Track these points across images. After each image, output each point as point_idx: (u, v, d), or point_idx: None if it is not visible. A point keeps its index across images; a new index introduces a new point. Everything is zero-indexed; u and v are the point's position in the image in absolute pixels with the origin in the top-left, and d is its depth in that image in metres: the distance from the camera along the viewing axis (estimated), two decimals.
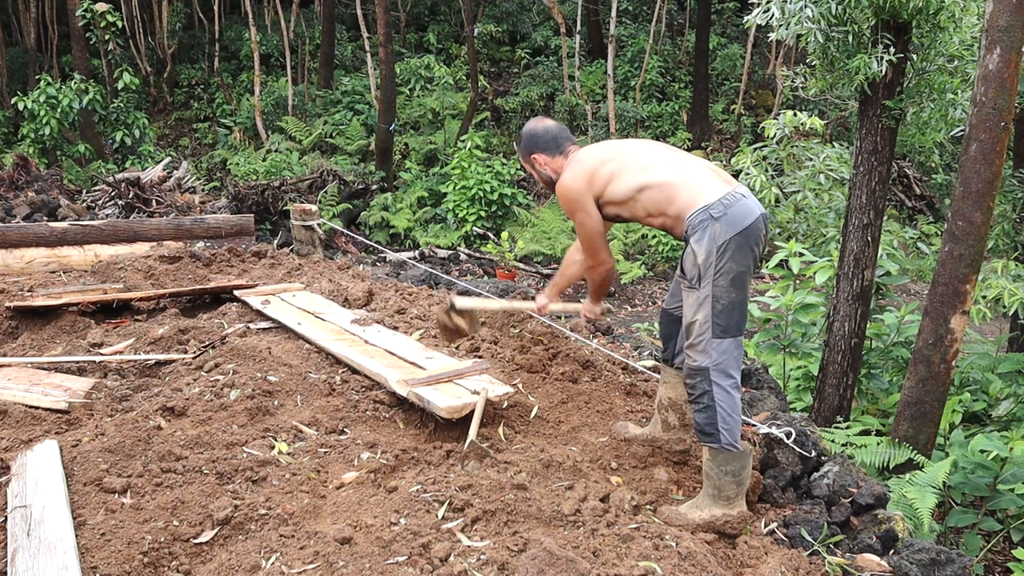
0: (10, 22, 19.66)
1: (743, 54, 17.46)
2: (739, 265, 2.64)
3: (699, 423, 2.69)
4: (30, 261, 5.73)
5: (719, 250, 2.62)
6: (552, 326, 4.13)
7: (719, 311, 2.64)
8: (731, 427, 2.65)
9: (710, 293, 2.64)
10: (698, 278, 2.65)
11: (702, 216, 2.65)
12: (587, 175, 2.90)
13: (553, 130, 3.10)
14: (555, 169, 3.07)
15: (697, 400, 2.69)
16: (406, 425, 3.31)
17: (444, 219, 13.38)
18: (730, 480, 2.68)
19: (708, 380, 2.64)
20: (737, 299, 2.66)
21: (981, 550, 4.52)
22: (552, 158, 3.08)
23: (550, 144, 3.08)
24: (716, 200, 2.66)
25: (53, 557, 2.28)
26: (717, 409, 2.64)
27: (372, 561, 2.29)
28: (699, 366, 2.66)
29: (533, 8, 19.97)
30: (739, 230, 2.63)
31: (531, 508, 2.55)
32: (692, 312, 2.70)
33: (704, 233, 2.64)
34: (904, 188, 14.42)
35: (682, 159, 2.86)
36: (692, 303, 2.70)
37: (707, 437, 2.67)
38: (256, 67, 16.30)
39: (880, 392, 6.33)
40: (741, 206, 2.66)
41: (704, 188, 2.71)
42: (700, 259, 2.64)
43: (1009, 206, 6.65)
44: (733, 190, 2.71)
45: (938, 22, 5.25)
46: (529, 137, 3.12)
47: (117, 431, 3.09)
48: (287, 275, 5.51)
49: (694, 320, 2.68)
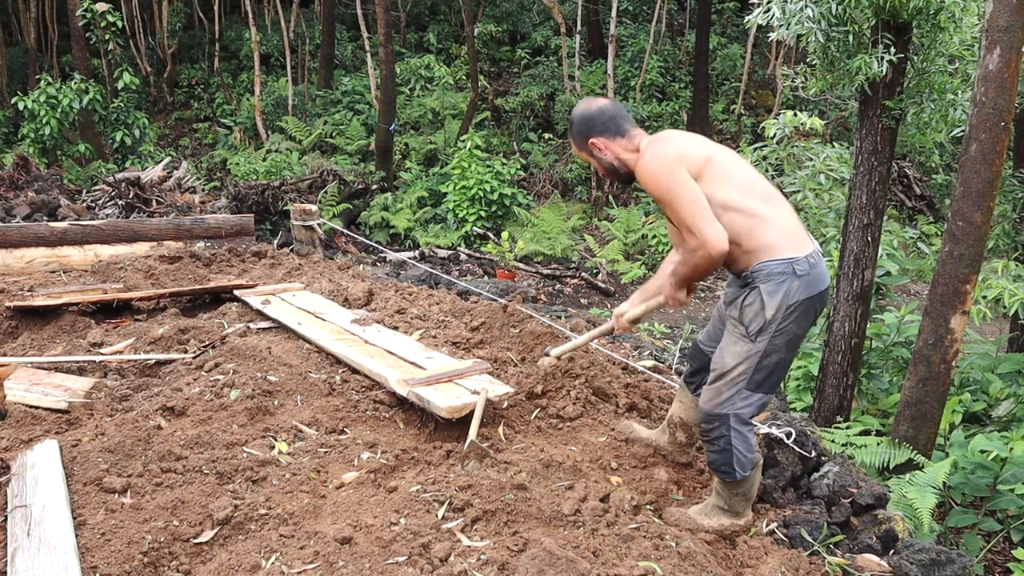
0: (10, 22, 19.65)
1: (743, 54, 17.46)
2: (800, 328, 2.53)
3: (714, 461, 2.64)
4: (30, 261, 5.73)
5: (788, 309, 2.48)
6: (552, 326, 4.13)
7: (763, 367, 2.53)
8: (745, 463, 2.62)
9: (763, 349, 2.51)
10: (759, 331, 2.50)
11: (783, 268, 2.48)
12: (679, 152, 2.54)
13: (610, 110, 2.70)
14: (617, 154, 2.69)
15: (713, 442, 2.62)
16: (406, 425, 3.31)
17: (444, 219, 13.38)
18: (740, 499, 2.69)
19: (727, 427, 2.57)
20: (785, 360, 2.56)
21: (981, 550, 4.52)
22: (613, 141, 2.68)
23: (609, 126, 2.67)
24: (803, 256, 2.50)
25: (53, 557, 2.28)
26: (734, 453, 2.59)
27: (372, 561, 2.29)
28: (720, 413, 2.57)
29: (533, 8, 19.97)
30: (813, 294, 2.50)
31: (531, 508, 2.55)
32: (734, 359, 2.56)
33: (780, 287, 2.47)
34: (904, 188, 14.42)
35: (775, 194, 2.62)
36: (738, 352, 2.55)
37: (722, 473, 2.64)
38: (256, 67, 16.29)
39: (880, 392, 6.33)
40: (820, 269, 2.53)
41: (793, 238, 2.52)
42: (768, 313, 2.48)
43: (1009, 206, 6.65)
44: (816, 249, 2.57)
45: (938, 22, 5.25)
46: (583, 120, 2.71)
47: (117, 431, 3.09)
48: (287, 275, 5.51)
49: (734, 367, 2.55)
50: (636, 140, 2.68)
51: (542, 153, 15.96)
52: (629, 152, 2.68)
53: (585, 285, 11.32)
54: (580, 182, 15.27)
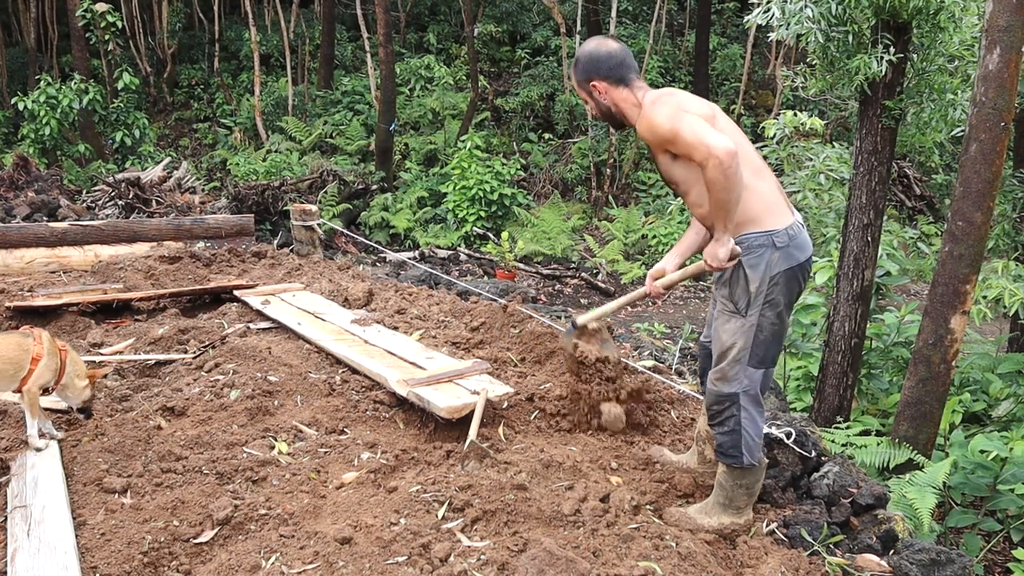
0: (10, 22, 19.65)
1: (743, 54, 17.46)
2: (786, 297, 2.56)
3: (722, 444, 2.64)
4: (30, 261, 5.73)
5: (771, 280, 2.51)
6: (552, 326, 4.13)
7: (760, 341, 2.56)
8: (753, 448, 2.63)
9: (755, 322, 2.54)
10: (747, 305, 2.54)
11: (762, 240, 2.51)
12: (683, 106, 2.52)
13: (618, 55, 2.64)
14: (616, 100, 2.66)
15: (721, 423, 2.62)
16: (406, 425, 3.31)
17: (444, 219, 13.38)
18: (743, 492, 2.68)
19: (737, 406, 2.58)
20: (779, 331, 2.59)
21: (981, 550, 4.52)
22: (615, 87, 2.65)
23: (613, 71, 2.63)
24: (783, 228, 2.52)
25: (53, 557, 2.28)
26: (743, 434, 2.60)
27: (372, 561, 2.29)
28: (729, 392, 2.58)
29: (533, 8, 19.96)
30: (793, 264, 2.53)
31: (531, 508, 2.55)
32: (730, 337, 2.58)
33: (760, 259, 2.51)
34: (904, 188, 14.42)
35: (763, 166, 2.63)
36: (733, 329, 2.58)
37: (729, 458, 2.64)
38: (256, 67, 16.29)
39: (880, 392, 6.32)
40: (802, 240, 2.55)
41: (773, 210, 2.54)
42: (752, 286, 2.52)
43: (1009, 206, 6.65)
44: (796, 219, 2.58)
45: (938, 22, 5.25)
46: (589, 59, 2.66)
47: (117, 431, 3.09)
48: (287, 275, 5.52)
49: (731, 345, 2.58)
50: (638, 93, 2.65)
51: (542, 153, 15.96)
52: (629, 103, 2.65)
53: (585, 285, 11.32)
54: (580, 182, 15.28)
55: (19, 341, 2.90)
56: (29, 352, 2.88)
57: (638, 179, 15.12)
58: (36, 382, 2.90)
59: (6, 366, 2.83)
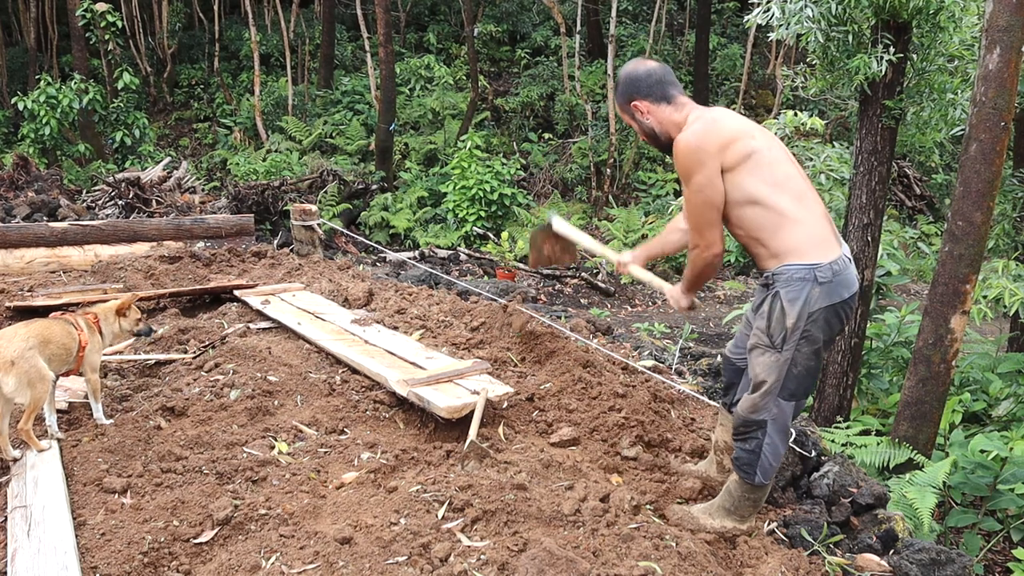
0: (10, 22, 19.66)
1: (743, 54, 17.46)
2: (826, 335, 2.48)
3: (739, 458, 2.63)
4: (30, 261, 5.73)
5: (810, 316, 2.42)
6: (552, 326, 4.13)
7: (793, 376, 2.49)
8: (768, 471, 2.62)
9: (790, 358, 2.46)
10: (782, 341, 2.45)
11: (804, 274, 2.41)
12: (724, 140, 2.46)
13: (657, 73, 2.61)
14: (660, 120, 2.61)
15: (746, 441, 2.60)
16: (406, 425, 3.31)
17: (444, 219, 13.38)
18: (749, 504, 2.68)
19: (764, 432, 2.56)
20: (815, 367, 2.52)
21: (981, 550, 4.52)
22: (656, 106, 2.60)
23: (654, 89, 2.59)
24: (827, 263, 2.42)
25: (53, 557, 2.28)
26: (761, 456, 2.58)
27: (372, 561, 2.29)
28: (758, 419, 2.55)
29: (533, 8, 19.96)
30: (835, 302, 2.43)
31: (531, 508, 2.55)
32: (763, 371, 2.51)
33: (800, 294, 2.41)
34: (904, 188, 14.42)
35: (808, 193, 2.52)
36: (766, 363, 2.50)
37: (742, 472, 2.63)
38: (256, 67, 16.30)
39: (880, 392, 6.32)
40: (846, 276, 2.45)
41: (820, 243, 2.44)
42: (789, 321, 2.42)
43: (1009, 206, 6.65)
44: (843, 253, 2.48)
45: (938, 22, 5.25)
46: (629, 81, 2.63)
47: (117, 431, 3.09)
48: (287, 275, 5.51)
49: (764, 379, 2.51)
50: (684, 110, 2.60)
51: (542, 153, 15.96)
52: (672, 121, 2.60)
53: (585, 285, 11.32)
54: (580, 182, 15.28)
55: (67, 329, 3.08)
56: (76, 339, 3.08)
57: (638, 179, 15.12)
58: (91, 365, 3.16)
59: (59, 351, 3.01)
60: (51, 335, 2.98)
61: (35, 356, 2.87)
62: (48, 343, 2.95)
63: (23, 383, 2.81)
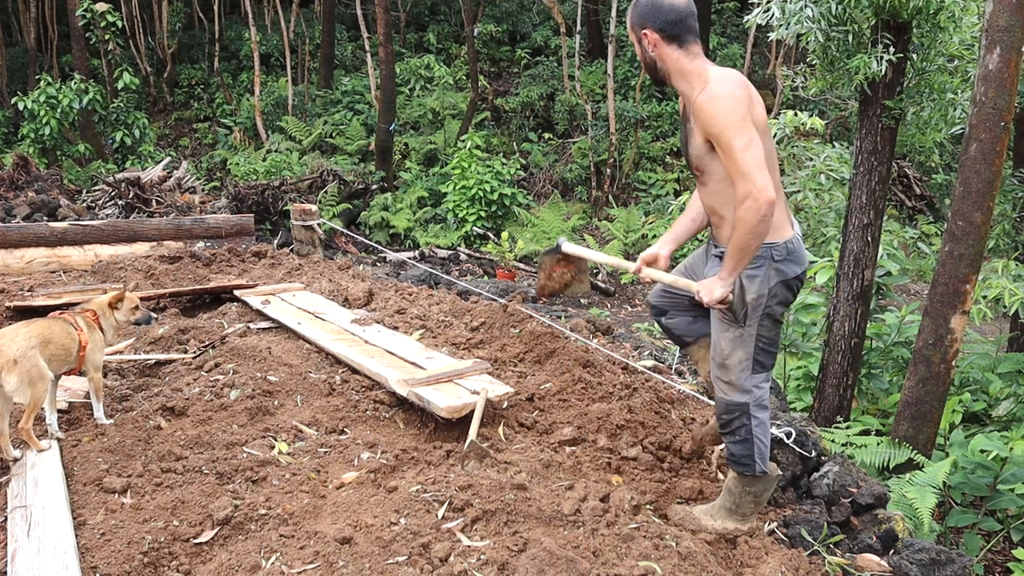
0: (10, 22, 19.66)
1: (743, 54, 17.45)
2: (782, 306, 2.57)
3: (734, 453, 2.65)
4: (30, 261, 5.73)
5: (770, 292, 2.50)
6: (552, 326, 4.13)
7: (760, 349, 2.56)
8: (765, 454, 2.64)
9: (755, 332, 2.54)
10: (745, 316, 2.51)
11: (762, 252, 2.46)
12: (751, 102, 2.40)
13: (682, 11, 2.45)
14: (664, 58, 2.48)
15: (733, 432, 2.62)
16: (406, 425, 3.31)
17: (444, 219, 13.38)
18: (750, 500, 2.68)
19: (747, 415, 2.59)
20: (776, 336, 2.61)
21: (981, 550, 4.52)
22: (667, 44, 2.46)
23: (670, 26, 2.44)
24: (782, 242, 2.49)
25: (53, 557, 2.28)
26: (755, 442, 2.60)
27: (372, 561, 2.29)
28: (738, 402, 2.59)
29: (533, 8, 19.96)
30: (788, 278, 2.52)
31: (531, 508, 2.55)
32: (729, 348, 2.56)
33: (758, 271, 2.48)
34: (904, 188, 14.42)
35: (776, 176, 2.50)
36: (730, 339, 2.56)
37: (742, 466, 2.64)
38: (256, 67, 16.29)
39: (880, 392, 6.32)
40: (798, 254, 2.54)
41: (779, 223, 2.48)
42: (749, 297, 2.48)
43: (1009, 206, 6.65)
44: (796, 232, 2.56)
45: (938, 22, 5.25)
46: (648, 6, 2.47)
47: (117, 431, 3.10)
48: (287, 275, 5.51)
49: (731, 356, 2.56)
50: (695, 61, 2.47)
51: (542, 153, 15.96)
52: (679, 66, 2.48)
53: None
54: (580, 182, 15.27)
55: (67, 330, 3.09)
56: (76, 340, 3.10)
57: (638, 179, 15.12)
58: (93, 364, 3.17)
59: (59, 351, 3.03)
60: (52, 335, 2.99)
61: (36, 355, 2.87)
62: (49, 343, 2.95)
63: (24, 382, 2.82)
